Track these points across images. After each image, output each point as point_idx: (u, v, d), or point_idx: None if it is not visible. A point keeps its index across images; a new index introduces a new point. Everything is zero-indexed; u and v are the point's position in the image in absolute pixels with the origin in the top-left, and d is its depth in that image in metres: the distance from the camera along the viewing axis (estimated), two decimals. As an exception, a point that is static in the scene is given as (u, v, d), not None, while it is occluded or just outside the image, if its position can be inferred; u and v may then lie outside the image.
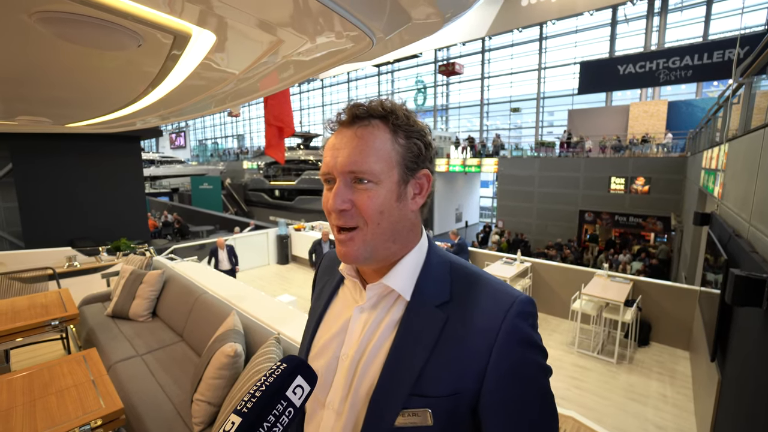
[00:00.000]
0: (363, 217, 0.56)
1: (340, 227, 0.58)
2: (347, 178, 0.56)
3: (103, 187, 8.12)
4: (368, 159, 0.55)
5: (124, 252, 4.97)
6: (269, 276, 7.84)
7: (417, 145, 0.59)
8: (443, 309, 0.58)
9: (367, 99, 0.60)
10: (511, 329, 0.54)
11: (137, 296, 3.11)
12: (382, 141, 0.57)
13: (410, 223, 0.61)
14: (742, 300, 1.73)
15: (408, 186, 0.59)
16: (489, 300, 0.57)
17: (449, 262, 0.63)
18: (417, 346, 0.56)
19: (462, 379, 0.54)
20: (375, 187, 0.56)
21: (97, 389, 1.63)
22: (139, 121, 3.00)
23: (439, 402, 0.53)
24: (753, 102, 3.43)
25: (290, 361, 0.51)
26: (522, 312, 0.55)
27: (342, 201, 0.56)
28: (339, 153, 0.56)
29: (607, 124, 14.49)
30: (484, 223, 19.07)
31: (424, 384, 0.54)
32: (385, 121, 0.58)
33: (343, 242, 0.58)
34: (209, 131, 43.03)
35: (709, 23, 13.29)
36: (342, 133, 0.58)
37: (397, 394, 0.55)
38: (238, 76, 1.48)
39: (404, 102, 0.62)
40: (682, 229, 8.89)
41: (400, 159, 0.58)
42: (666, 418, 3.41)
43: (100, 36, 0.85)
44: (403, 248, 0.62)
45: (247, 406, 0.45)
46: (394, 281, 0.60)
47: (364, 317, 0.62)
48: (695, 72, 11.77)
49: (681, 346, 4.62)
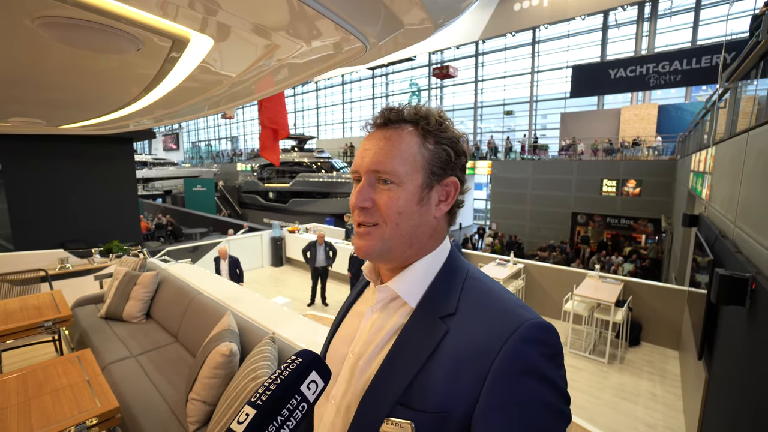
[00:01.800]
0: (383, 216, 0.57)
1: (360, 223, 0.59)
2: (371, 178, 0.58)
3: (94, 189, 8.03)
4: (393, 160, 0.56)
5: (117, 254, 4.93)
6: (263, 278, 7.82)
7: (446, 152, 0.59)
8: (446, 321, 0.55)
9: (360, 106, 0.61)
10: (512, 353, 0.48)
11: (131, 298, 3.10)
12: (408, 144, 0.58)
13: (431, 229, 0.61)
14: (726, 299, 1.78)
15: (432, 191, 0.59)
16: (494, 318, 0.52)
17: (467, 272, 0.61)
18: (412, 355, 0.55)
19: (451, 400, 0.50)
20: (396, 188, 0.57)
21: (92, 389, 1.63)
22: (132, 123, 3.01)
23: (424, 417, 0.50)
24: (738, 106, 3.52)
25: (306, 355, 0.51)
26: (529, 337, 0.49)
27: (364, 199, 0.58)
28: (367, 153, 0.58)
29: (599, 127, 14.69)
30: (477, 225, 19.17)
31: (412, 396, 0.52)
32: (416, 125, 0.59)
33: (361, 235, 0.59)
34: (203, 133, 42.78)
35: (697, 29, 13.56)
36: (373, 135, 0.60)
37: (384, 401, 0.53)
38: (234, 79, 1.51)
39: (441, 108, 0.63)
40: (672, 230, 9.02)
41: (426, 163, 0.58)
42: (656, 416, 3.47)
43: (101, 40, 0.87)
44: (419, 253, 0.61)
45: (261, 398, 0.45)
46: (400, 286, 0.60)
47: (373, 318, 0.63)
48: (684, 76, 12.01)
49: (671, 346, 4.70)
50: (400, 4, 0.87)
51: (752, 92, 3.13)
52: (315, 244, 5.79)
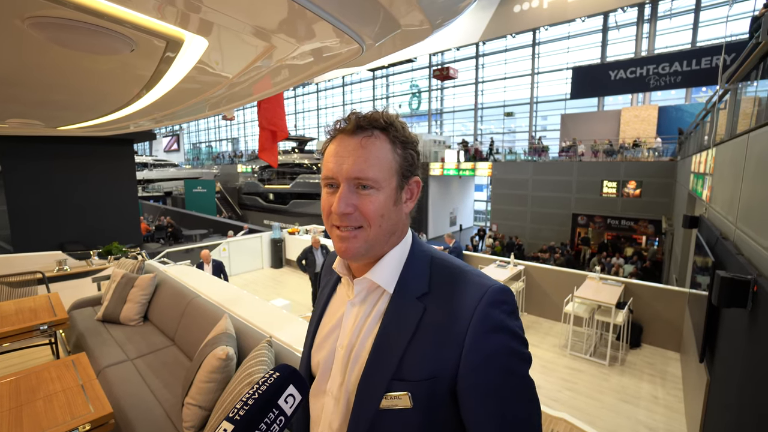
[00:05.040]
0: (367, 220, 0.61)
1: (343, 227, 0.62)
2: (352, 184, 0.61)
3: (95, 191, 8.02)
4: (372, 167, 0.60)
5: (116, 256, 4.91)
6: (263, 280, 7.80)
7: (411, 155, 0.66)
8: (422, 300, 0.63)
9: (361, 108, 0.63)
10: (483, 317, 0.58)
11: (128, 300, 3.08)
12: (383, 150, 0.62)
13: (403, 224, 0.68)
14: (728, 301, 1.77)
15: (402, 192, 0.66)
16: (464, 290, 0.61)
17: (430, 255, 0.68)
18: (398, 335, 0.61)
19: (439, 364, 0.58)
20: (377, 193, 0.61)
21: (86, 394, 1.61)
22: (132, 124, 2.99)
23: (418, 386, 0.58)
24: (738, 108, 3.51)
25: (283, 369, 0.53)
26: (494, 300, 0.59)
27: (346, 205, 0.60)
28: (344, 160, 0.61)
29: (599, 129, 14.69)
30: (478, 227, 19.16)
31: (404, 370, 0.59)
32: (386, 132, 0.63)
33: (345, 239, 0.62)
34: (203, 134, 42.82)
35: (697, 30, 13.57)
36: (345, 142, 0.62)
37: (381, 380, 0.60)
38: (232, 80, 1.50)
39: (398, 113, 0.68)
40: (672, 232, 9.01)
41: (398, 167, 0.64)
42: (657, 419, 3.44)
43: (94, 41, 0.86)
44: (392, 245, 0.67)
45: (239, 413, 0.46)
46: (379, 276, 0.65)
47: (355, 311, 0.68)
48: (684, 78, 12.02)
49: (672, 348, 4.67)
50: (398, 6, 0.86)
51: (752, 93, 3.11)
52: (311, 249, 5.74)
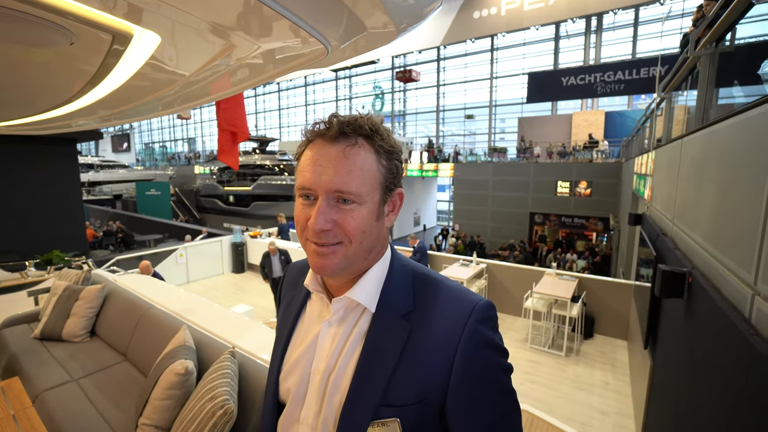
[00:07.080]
0: (347, 236, 0.56)
1: (321, 243, 0.56)
2: (332, 197, 0.55)
3: (31, 194, 7.29)
4: (355, 181, 0.54)
5: (57, 266, 4.50)
6: (224, 285, 7.48)
7: (396, 166, 0.60)
8: (407, 319, 0.58)
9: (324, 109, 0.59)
10: (472, 334, 0.56)
11: (72, 314, 2.82)
12: (369, 162, 0.56)
13: (383, 239, 0.63)
14: (668, 292, 1.93)
15: (385, 205, 0.60)
16: (450, 307, 0.58)
17: (411, 270, 0.64)
18: (384, 357, 0.57)
19: (428, 385, 0.55)
20: (359, 207, 0.55)
21: (18, 425, 1.45)
22: (74, 122, 2.76)
23: (407, 410, 0.55)
24: (672, 114, 3.85)
25: None
26: (482, 317, 0.57)
27: (325, 221, 0.54)
28: (324, 170, 0.54)
29: (554, 131, 15.58)
30: (441, 227, 19.58)
31: (392, 394, 0.55)
32: (371, 141, 0.57)
33: (323, 255, 0.56)
34: (156, 134, 40.33)
35: (636, 43, 14.80)
36: (326, 149, 0.55)
37: (367, 406, 0.55)
38: (188, 78, 1.42)
39: (382, 117, 0.63)
40: (619, 228, 9.71)
41: (383, 180, 0.58)
42: (608, 403, 3.69)
43: (25, 31, 0.78)
44: (372, 262, 0.62)
45: None
46: (360, 294, 0.60)
47: (332, 331, 0.62)
48: (626, 86, 13.08)
49: (620, 337, 5.03)
50: (363, 7, 0.85)
51: (684, 102, 3.43)
52: (268, 255, 5.57)
